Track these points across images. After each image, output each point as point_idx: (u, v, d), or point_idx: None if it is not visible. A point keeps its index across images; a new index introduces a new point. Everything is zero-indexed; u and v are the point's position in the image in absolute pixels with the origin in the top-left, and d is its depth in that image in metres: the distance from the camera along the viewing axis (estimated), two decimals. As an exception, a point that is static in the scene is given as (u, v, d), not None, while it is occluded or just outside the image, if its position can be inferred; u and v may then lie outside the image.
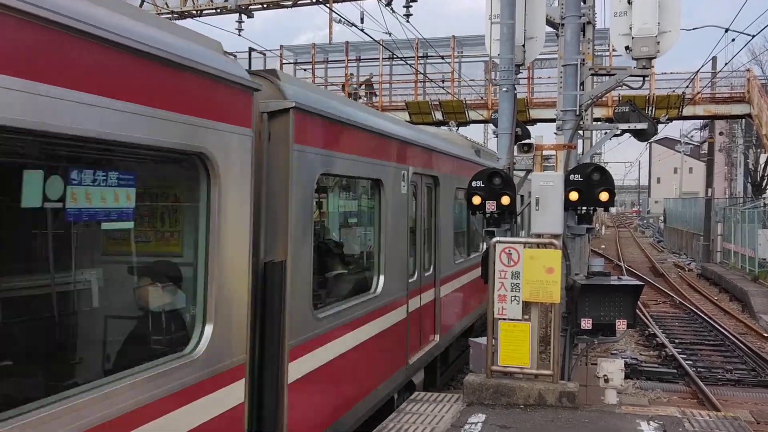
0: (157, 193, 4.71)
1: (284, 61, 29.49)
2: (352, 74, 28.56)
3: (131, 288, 4.40)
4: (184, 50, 4.15)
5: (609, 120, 18.75)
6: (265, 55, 27.72)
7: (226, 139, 4.51)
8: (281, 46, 30.23)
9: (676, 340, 16.54)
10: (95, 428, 3.30)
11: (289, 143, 5.38)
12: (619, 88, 9.20)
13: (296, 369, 5.44)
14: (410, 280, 8.59)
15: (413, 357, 8.63)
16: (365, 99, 27.31)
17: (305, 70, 29.17)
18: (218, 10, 20.75)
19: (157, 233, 4.60)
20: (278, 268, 5.23)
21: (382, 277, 7.56)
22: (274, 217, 5.33)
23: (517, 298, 7.01)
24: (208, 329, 4.28)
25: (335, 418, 6.29)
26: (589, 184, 7.86)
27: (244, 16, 20.53)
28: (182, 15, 21.56)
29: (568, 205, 7.91)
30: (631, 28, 8.16)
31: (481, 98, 27.80)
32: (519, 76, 8.93)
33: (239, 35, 20.58)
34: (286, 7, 20.76)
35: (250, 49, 26.37)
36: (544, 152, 8.63)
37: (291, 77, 6.37)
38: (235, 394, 4.56)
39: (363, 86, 28.12)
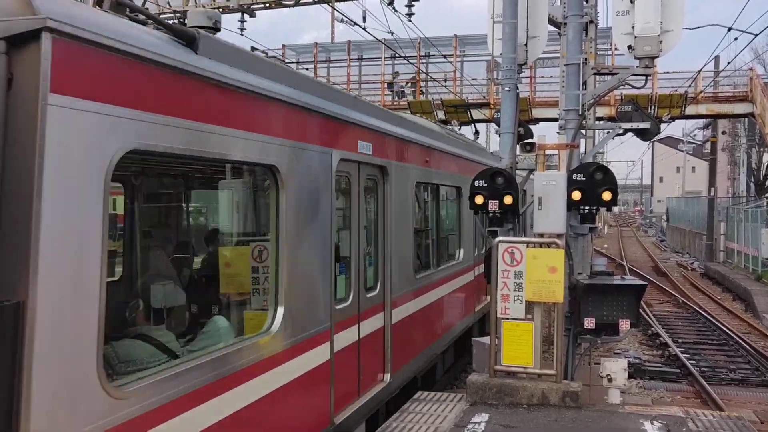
0: None
1: (287, 61, 29.48)
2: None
3: None
4: None
5: (611, 119, 18.74)
6: (267, 54, 27.76)
7: None
8: (283, 46, 30.25)
9: (680, 340, 16.52)
10: None
11: (41, 94, 3.19)
12: (622, 87, 9.19)
13: None
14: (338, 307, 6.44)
15: (338, 416, 6.34)
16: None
17: (307, 69, 29.15)
18: (221, 10, 20.74)
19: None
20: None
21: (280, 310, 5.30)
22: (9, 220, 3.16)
23: (520, 298, 7.01)
24: None
25: None
26: (592, 183, 7.85)
27: (246, 16, 20.52)
28: (184, 14, 21.54)
29: (571, 205, 7.90)
30: (633, 27, 8.14)
31: (483, 97, 27.76)
32: (521, 75, 8.92)
33: (242, 35, 20.58)
34: (289, 6, 20.76)
35: (252, 48, 26.41)
36: (547, 151, 8.60)
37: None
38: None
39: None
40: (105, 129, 3.54)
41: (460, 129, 26.66)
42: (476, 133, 21.55)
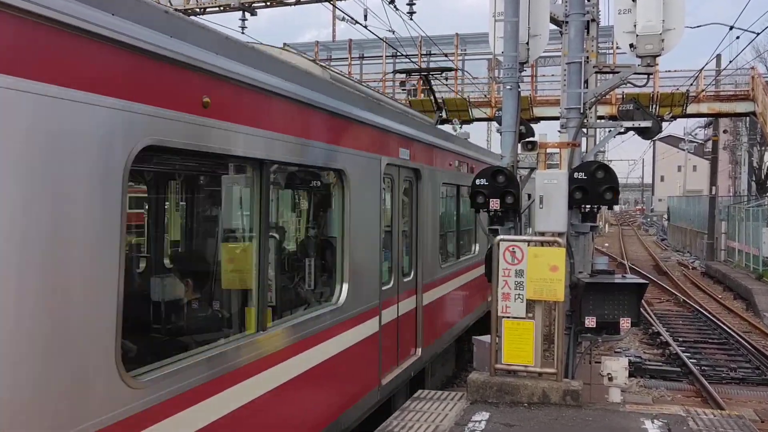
0: None
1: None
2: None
3: None
4: None
5: (613, 118, 18.73)
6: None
7: None
8: (284, 44, 30.21)
9: (680, 339, 16.51)
10: None
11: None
12: (623, 85, 9.18)
13: None
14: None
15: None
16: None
17: (308, 68, 29.13)
18: (222, 8, 20.75)
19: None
20: None
21: None
22: None
23: (520, 296, 7.01)
24: None
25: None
26: (594, 182, 7.85)
27: (247, 14, 20.53)
28: (186, 13, 21.55)
29: (572, 203, 7.90)
30: (635, 26, 8.13)
31: (485, 96, 27.77)
32: (523, 73, 8.91)
33: (243, 33, 20.59)
34: (290, 5, 20.74)
35: (254, 47, 26.40)
36: (548, 150, 8.60)
37: None
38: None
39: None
40: None
41: (461, 128, 26.71)
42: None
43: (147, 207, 7.26)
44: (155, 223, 7.26)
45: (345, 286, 6.55)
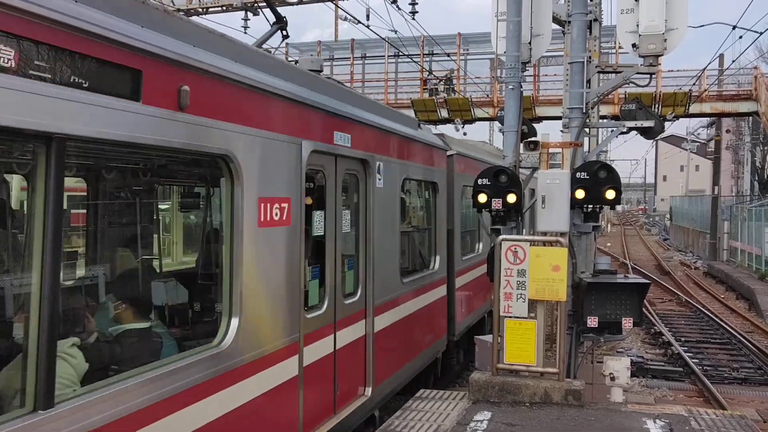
0: None
1: (289, 58, 29.51)
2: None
3: None
4: None
5: (615, 118, 18.70)
6: (270, 52, 27.75)
7: None
8: (287, 44, 30.24)
9: (682, 339, 16.50)
10: None
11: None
12: (626, 85, 9.17)
13: None
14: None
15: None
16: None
17: (311, 67, 29.13)
18: (224, 8, 20.75)
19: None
20: None
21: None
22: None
23: (522, 296, 7.01)
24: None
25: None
26: (596, 181, 7.84)
27: (250, 14, 20.53)
28: (188, 13, 21.56)
29: (575, 203, 7.89)
30: (638, 25, 8.12)
31: (487, 96, 27.75)
32: (525, 73, 8.91)
33: (245, 33, 20.59)
34: (292, 4, 20.74)
35: (256, 47, 26.42)
36: (551, 150, 8.59)
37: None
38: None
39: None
40: None
41: (463, 127, 26.72)
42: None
43: None
44: None
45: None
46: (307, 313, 5.94)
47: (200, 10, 20.81)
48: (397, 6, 16.90)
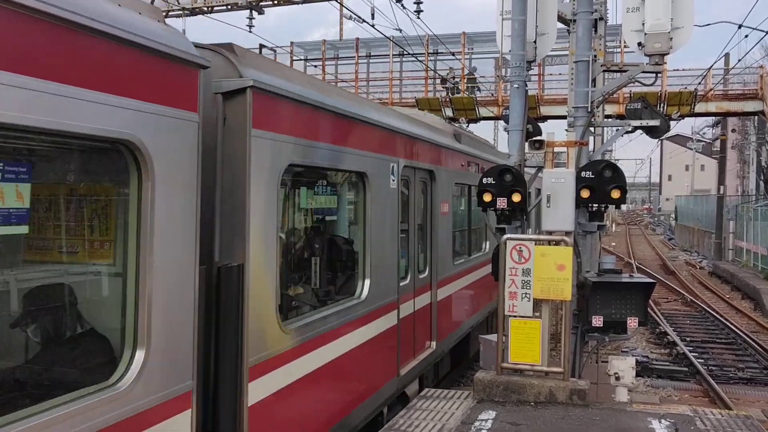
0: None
1: (294, 58, 29.54)
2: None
3: None
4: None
5: (620, 117, 18.64)
6: (275, 51, 27.81)
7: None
8: (291, 43, 30.26)
9: (688, 338, 16.46)
10: None
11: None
12: (631, 84, 9.15)
13: None
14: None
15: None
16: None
17: (315, 66, 29.19)
18: (229, 7, 20.80)
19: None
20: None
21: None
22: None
23: (527, 296, 7.00)
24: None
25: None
26: (601, 181, 7.83)
27: (255, 13, 20.56)
28: (193, 11, 21.61)
29: (580, 202, 7.88)
30: (643, 24, 8.10)
31: (492, 95, 27.72)
32: (530, 72, 8.89)
33: (250, 32, 20.63)
34: (297, 3, 20.78)
35: (261, 46, 26.46)
36: (556, 149, 8.58)
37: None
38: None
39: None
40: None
41: (468, 126, 26.68)
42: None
43: None
44: None
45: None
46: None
47: (205, 9, 20.85)
48: (402, 5, 16.91)
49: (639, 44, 8.20)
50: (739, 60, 28.78)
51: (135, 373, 3.58)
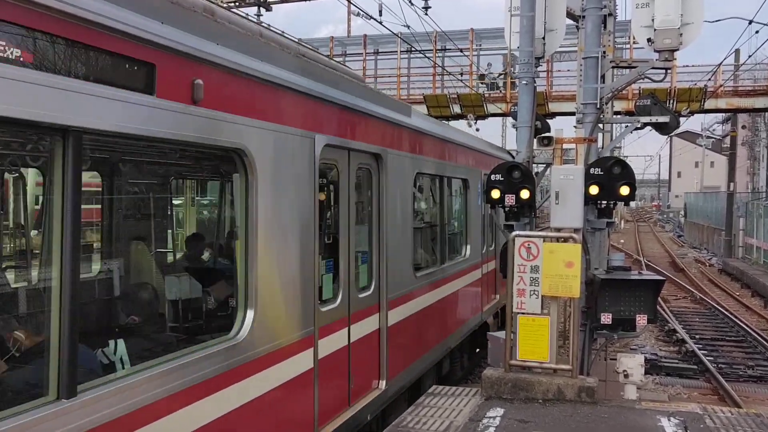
0: None
1: (302, 55, 29.51)
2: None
3: None
4: None
5: (629, 113, 18.55)
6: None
7: None
8: (299, 40, 30.27)
9: (697, 336, 16.38)
10: None
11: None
12: (640, 81, 9.11)
13: None
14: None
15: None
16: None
17: (323, 63, 29.13)
18: (237, 3, 20.79)
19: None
20: None
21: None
22: None
23: (536, 293, 6.98)
24: None
25: None
26: (610, 177, 7.80)
27: (262, 10, 20.55)
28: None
29: (588, 199, 7.85)
30: (653, 20, 8.06)
31: (500, 91, 27.64)
32: (538, 69, 8.86)
33: (258, 29, 20.60)
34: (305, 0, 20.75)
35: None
36: (564, 146, 8.55)
37: None
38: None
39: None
40: None
41: (476, 123, 26.61)
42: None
43: None
44: None
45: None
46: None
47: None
48: (410, 1, 16.87)
49: (648, 40, 8.16)
50: (750, 56, 28.55)
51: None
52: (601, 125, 9.06)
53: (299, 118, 5.41)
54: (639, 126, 8.72)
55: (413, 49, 23.60)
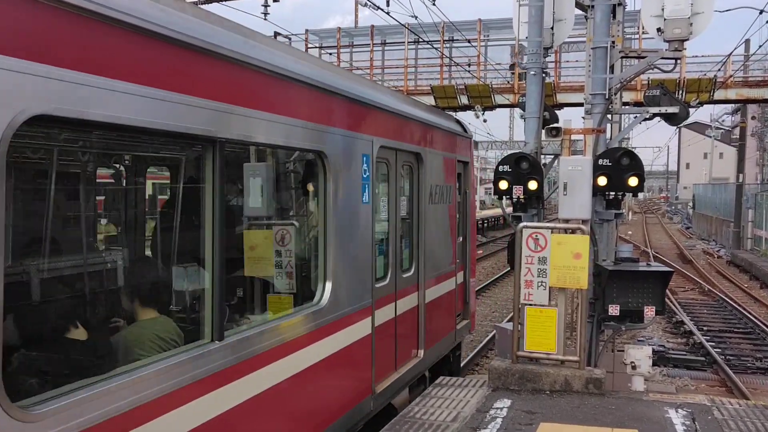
0: None
1: (309, 46, 29.47)
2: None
3: None
4: None
5: (638, 104, 18.43)
6: (290, 39, 27.77)
7: None
8: (306, 31, 30.20)
9: (705, 328, 16.34)
10: None
11: None
12: (649, 71, 9.04)
13: None
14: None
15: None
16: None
17: (330, 54, 29.12)
18: (244, -6, 20.72)
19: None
20: None
21: None
22: None
23: (543, 284, 6.96)
24: None
25: None
26: (618, 168, 7.76)
27: (270, 1, 20.49)
28: (207, 0, 21.54)
29: (597, 190, 7.82)
30: (663, 10, 7.99)
31: (508, 82, 27.53)
32: (546, 59, 8.81)
33: (265, 19, 20.57)
34: (312, -10, 20.68)
35: (276, 33, 26.42)
36: (573, 137, 8.51)
37: None
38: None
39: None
40: None
41: (483, 114, 26.53)
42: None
43: None
44: None
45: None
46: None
47: (220, -3, 20.79)
48: (418, -9, 16.79)
49: (658, 30, 8.10)
50: (760, 46, 28.27)
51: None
52: (609, 116, 9.00)
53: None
54: (648, 116, 8.66)
55: (420, 39, 23.53)
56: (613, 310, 7.82)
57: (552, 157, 8.79)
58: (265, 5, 20.69)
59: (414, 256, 7.91)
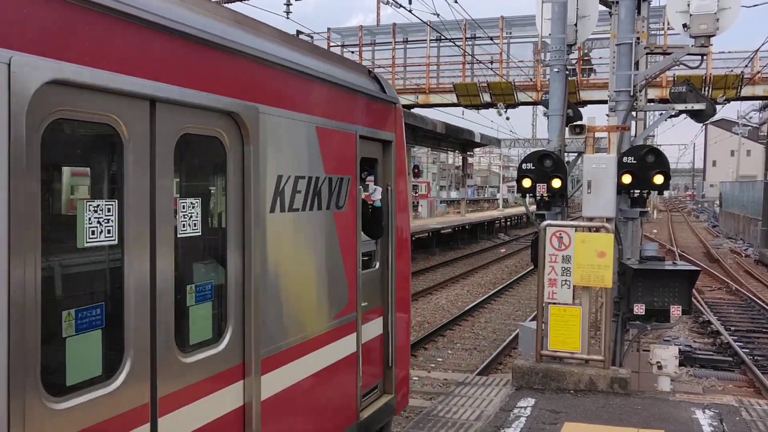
0: None
1: (331, 44, 29.55)
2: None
3: None
4: None
5: (663, 101, 18.26)
6: (312, 37, 27.86)
7: None
8: (328, 29, 30.30)
9: (732, 328, 16.09)
10: None
11: None
12: (675, 68, 8.92)
13: None
14: None
15: None
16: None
17: (353, 52, 29.18)
18: (267, -6, 20.83)
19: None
20: None
21: None
22: None
23: (567, 282, 6.91)
24: None
25: None
26: (643, 166, 7.68)
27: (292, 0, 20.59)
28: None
29: (621, 188, 7.74)
30: (689, 5, 7.88)
31: (530, 80, 27.37)
32: (570, 56, 8.74)
33: (287, 18, 20.66)
34: (334, -11, 20.73)
35: (297, 32, 26.53)
36: (597, 134, 8.43)
37: None
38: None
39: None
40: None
41: (506, 111, 26.41)
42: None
43: None
44: None
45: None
46: None
47: (243, -4, 20.90)
48: (440, -11, 16.76)
49: (684, 26, 7.99)
50: (789, 41, 27.77)
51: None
52: (634, 113, 8.91)
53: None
54: (674, 113, 8.56)
55: (443, 37, 23.48)
56: (639, 309, 7.74)
57: (576, 154, 8.73)
58: (287, 3, 20.80)
59: (230, 314, 4.04)
